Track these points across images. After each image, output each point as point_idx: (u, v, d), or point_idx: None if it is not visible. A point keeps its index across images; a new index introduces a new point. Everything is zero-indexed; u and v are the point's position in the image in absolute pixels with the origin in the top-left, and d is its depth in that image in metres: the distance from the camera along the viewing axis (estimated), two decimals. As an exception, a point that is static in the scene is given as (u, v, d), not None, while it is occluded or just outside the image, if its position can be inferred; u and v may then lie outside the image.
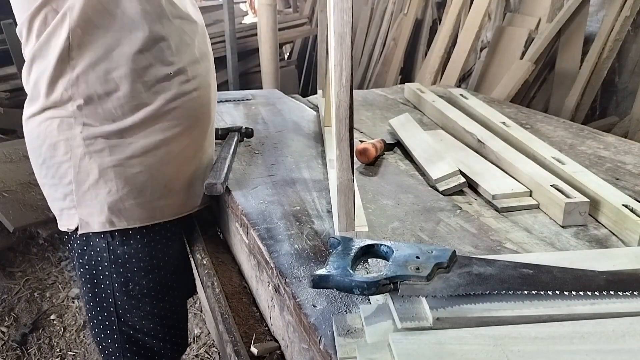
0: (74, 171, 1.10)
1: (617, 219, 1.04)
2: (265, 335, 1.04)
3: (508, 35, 2.98)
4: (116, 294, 1.17)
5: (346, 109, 0.87)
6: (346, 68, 0.84)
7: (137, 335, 1.21)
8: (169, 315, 1.24)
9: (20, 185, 2.58)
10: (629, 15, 2.59)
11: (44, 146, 1.11)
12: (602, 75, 2.71)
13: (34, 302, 2.40)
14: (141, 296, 1.19)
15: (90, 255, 1.16)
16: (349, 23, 0.82)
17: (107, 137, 1.09)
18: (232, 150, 1.40)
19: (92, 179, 1.10)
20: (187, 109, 1.16)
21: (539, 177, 1.17)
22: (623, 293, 0.74)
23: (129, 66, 1.07)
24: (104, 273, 1.16)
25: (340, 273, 0.74)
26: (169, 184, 1.17)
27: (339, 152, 0.89)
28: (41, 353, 2.14)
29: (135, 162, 1.11)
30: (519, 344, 0.65)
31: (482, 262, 0.78)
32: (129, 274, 1.17)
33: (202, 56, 1.19)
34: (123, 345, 1.21)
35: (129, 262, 1.16)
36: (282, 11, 4.93)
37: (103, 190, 1.10)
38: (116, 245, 1.15)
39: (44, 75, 1.07)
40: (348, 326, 0.76)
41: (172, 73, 1.12)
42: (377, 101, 1.97)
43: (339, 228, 0.95)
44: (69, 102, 1.07)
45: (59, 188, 1.13)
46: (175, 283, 1.24)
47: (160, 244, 1.19)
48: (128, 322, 1.20)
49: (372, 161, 1.38)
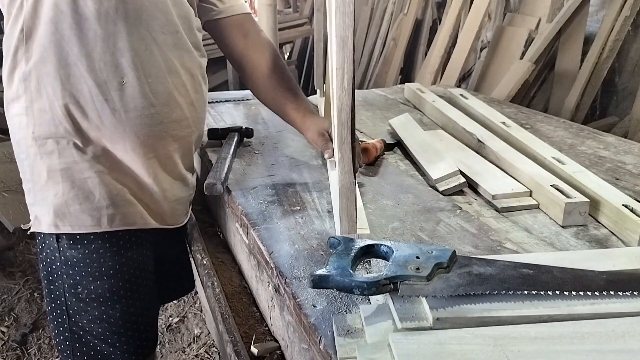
0: (29, 170, 1.10)
1: (617, 219, 1.04)
2: (266, 335, 1.04)
3: (508, 35, 2.97)
4: (66, 294, 1.15)
5: (348, 112, 0.87)
6: (348, 72, 0.84)
7: (87, 337, 1.18)
8: (120, 323, 1.18)
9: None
10: (629, 15, 2.59)
11: (13, 141, 1.12)
12: (602, 75, 2.70)
13: (34, 302, 2.40)
14: (89, 300, 1.15)
15: (45, 253, 1.15)
16: (351, 27, 0.82)
17: (56, 137, 1.06)
18: (232, 150, 1.40)
19: (42, 179, 1.09)
20: (138, 125, 1.08)
21: (539, 177, 1.17)
22: (623, 293, 0.74)
23: (77, 67, 1.03)
24: (56, 272, 1.14)
25: (340, 273, 0.74)
26: (120, 194, 1.11)
27: (340, 155, 0.90)
28: (41, 353, 2.14)
29: (84, 166, 1.08)
30: (519, 344, 0.65)
31: (482, 262, 0.78)
32: (78, 277, 1.13)
33: (168, 71, 1.10)
34: (74, 344, 1.18)
35: (77, 265, 1.13)
36: (282, 11, 4.92)
37: (51, 192, 1.08)
38: (65, 247, 1.12)
39: (5, 68, 1.06)
40: (348, 326, 0.76)
41: (124, 82, 1.05)
42: (377, 101, 1.97)
43: (341, 231, 0.95)
44: (23, 97, 1.05)
45: (25, 184, 1.13)
46: (130, 292, 1.17)
47: (110, 252, 1.13)
48: (78, 323, 1.17)
49: (372, 161, 1.38)
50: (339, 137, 0.89)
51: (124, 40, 1.03)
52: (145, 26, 1.05)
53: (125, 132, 1.07)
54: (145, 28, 1.06)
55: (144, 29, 1.05)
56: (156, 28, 1.07)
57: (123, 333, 1.19)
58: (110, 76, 1.04)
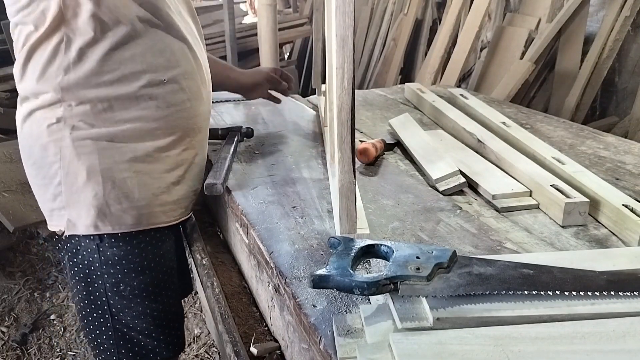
0: (63, 172, 1.09)
1: (617, 219, 1.04)
2: (265, 335, 1.04)
3: (508, 35, 2.98)
4: (108, 293, 1.17)
5: (348, 111, 0.87)
6: (348, 71, 0.85)
7: (131, 333, 1.21)
8: (162, 315, 1.23)
9: (20, 185, 2.58)
10: (629, 15, 2.59)
11: (35, 147, 1.11)
12: (602, 75, 2.71)
13: (34, 302, 2.40)
14: (133, 296, 1.18)
15: (82, 255, 1.16)
16: (351, 26, 0.82)
17: (96, 139, 1.08)
18: (232, 150, 1.40)
19: (80, 181, 1.09)
20: (178, 119, 1.15)
21: (539, 177, 1.17)
22: (623, 293, 0.74)
23: (122, 71, 1.07)
24: (95, 273, 1.16)
25: (341, 273, 0.74)
26: (157, 192, 1.15)
27: (340, 154, 0.90)
28: (41, 353, 2.14)
29: (124, 167, 1.11)
30: (520, 344, 0.65)
31: (482, 262, 0.78)
32: (120, 275, 1.16)
33: (197, 68, 1.19)
34: (117, 342, 1.21)
35: (119, 263, 1.15)
36: (282, 11, 4.92)
37: (90, 193, 1.10)
38: (105, 247, 1.14)
39: (35, 74, 1.07)
40: (348, 326, 0.76)
41: (166, 80, 1.11)
42: (377, 101, 1.97)
43: (341, 230, 0.95)
44: (59, 103, 1.07)
45: (49, 189, 1.12)
46: (167, 283, 1.23)
47: (150, 246, 1.18)
48: (122, 320, 1.20)
49: (372, 161, 1.38)
50: (339, 137, 0.89)
51: (160, 42, 1.10)
52: (176, 28, 1.13)
53: (166, 128, 1.13)
54: (176, 29, 1.13)
55: (175, 30, 1.13)
56: (184, 28, 1.15)
57: (165, 325, 1.25)
58: (152, 76, 1.10)
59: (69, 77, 1.05)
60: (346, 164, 0.90)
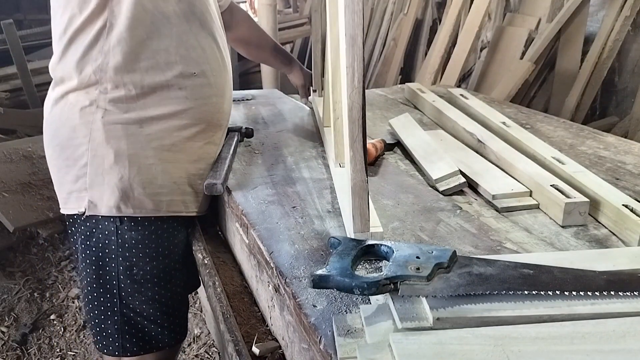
0: (91, 154, 1.14)
1: (617, 219, 1.04)
2: (267, 335, 1.04)
3: (508, 35, 2.98)
4: (120, 277, 1.21)
5: (359, 110, 0.87)
6: (358, 70, 0.85)
7: (137, 318, 1.24)
8: (170, 303, 1.27)
9: (20, 185, 2.58)
10: (629, 15, 2.59)
11: (63, 128, 1.16)
12: (602, 75, 2.71)
13: (34, 302, 2.40)
14: (144, 281, 1.22)
15: (97, 238, 1.19)
16: (360, 25, 0.82)
17: (126, 124, 1.14)
18: (232, 150, 1.40)
19: (107, 163, 1.14)
20: (204, 112, 1.22)
21: (539, 177, 1.18)
22: (623, 293, 0.74)
23: (156, 59, 1.13)
24: (109, 256, 1.20)
25: (341, 273, 0.74)
26: (179, 182, 1.21)
27: (352, 153, 0.89)
28: (41, 353, 2.14)
29: (150, 153, 1.16)
30: (520, 344, 0.65)
31: (482, 262, 0.78)
32: (134, 259, 1.20)
33: (224, 67, 1.26)
34: (122, 327, 1.24)
35: (135, 247, 1.20)
36: (282, 11, 4.92)
37: (115, 176, 1.14)
38: (124, 230, 1.18)
39: (76, 56, 1.13)
40: (348, 326, 0.76)
41: (196, 73, 1.18)
42: (377, 101, 1.98)
43: (354, 230, 0.93)
44: (95, 85, 1.13)
45: (72, 170, 1.17)
46: (178, 272, 1.28)
47: (167, 233, 1.23)
48: (129, 304, 1.23)
49: (372, 161, 1.38)
50: (350, 135, 0.89)
51: (193, 37, 1.17)
52: (208, 26, 1.21)
53: (192, 119, 1.20)
54: (209, 28, 1.21)
55: (207, 29, 1.20)
56: (215, 28, 1.24)
57: (171, 313, 1.29)
58: (184, 68, 1.16)
59: (108, 60, 1.11)
60: (358, 163, 0.90)
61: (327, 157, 1.39)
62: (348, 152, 0.90)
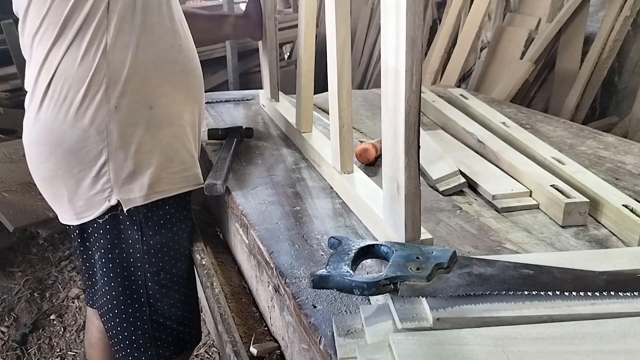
0: (110, 149, 1.10)
1: (617, 219, 1.04)
2: (265, 335, 1.04)
3: (508, 35, 2.97)
4: (148, 283, 1.20)
5: (415, 115, 0.84)
6: (417, 74, 0.81)
7: (167, 322, 1.24)
8: (194, 301, 1.30)
9: (20, 185, 2.57)
10: (629, 15, 2.59)
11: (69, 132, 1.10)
12: (602, 75, 2.70)
13: (34, 302, 2.40)
14: (172, 284, 1.23)
15: (121, 248, 1.18)
16: (421, 27, 0.79)
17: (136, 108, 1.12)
18: (232, 150, 1.40)
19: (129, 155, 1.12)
20: (194, 85, 1.23)
21: (539, 177, 1.17)
22: (623, 293, 0.74)
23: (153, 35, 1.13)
24: (135, 265, 1.19)
25: (340, 273, 0.74)
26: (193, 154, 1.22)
27: (407, 160, 0.86)
28: (41, 353, 2.14)
29: (166, 132, 1.16)
30: (520, 345, 0.65)
31: (482, 263, 0.78)
32: (161, 263, 1.20)
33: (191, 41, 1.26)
34: (154, 334, 1.23)
35: (161, 251, 1.20)
36: (282, 11, 4.92)
37: (141, 164, 1.13)
38: (149, 235, 1.17)
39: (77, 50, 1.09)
40: (348, 326, 0.76)
41: (182, 45, 1.19)
42: (377, 101, 1.97)
43: (406, 237, 0.90)
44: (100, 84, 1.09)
45: (89, 173, 1.11)
46: (194, 270, 1.29)
47: (185, 233, 1.25)
48: (159, 310, 1.23)
49: (372, 161, 1.38)
50: (406, 141, 0.85)
51: (173, 10, 1.17)
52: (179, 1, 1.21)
53: (188, 93, 1.21)
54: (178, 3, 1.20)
55: (178, 3, 1.20)
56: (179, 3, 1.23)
57: (196, 311, 1.31)
58: (173, 41, 1.17)
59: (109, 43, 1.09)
60: (412, 169, 0.86)
61: (313, 163, 1.37)
62: (402, 159, 0.86)
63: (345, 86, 1.13)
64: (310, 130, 1.45)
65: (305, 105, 1.43)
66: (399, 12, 0.79)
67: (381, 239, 0.97)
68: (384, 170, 0.94)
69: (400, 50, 0.81)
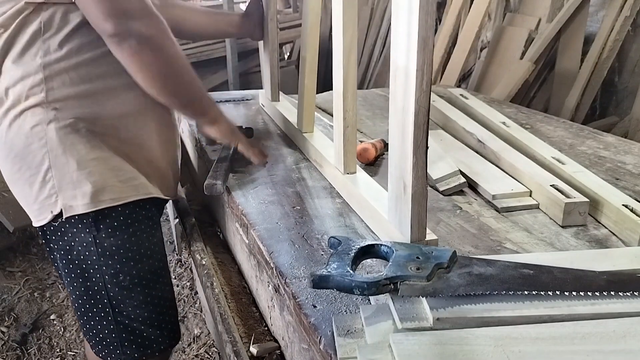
0: (52, 155, 1.09)
1: (617, 219, 1.04)
2: (265, 335, 1.04)
3: (508, 35, 2.97)
4: (107, 285, 1.18)
5: (425, 115, 0.84)
6: (427, 73, 0.81)
7: (134, 324, 1.22)
8: (162, 302, 1.25)
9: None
10: (629, 15, 2.59)
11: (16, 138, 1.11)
12: (602, 75, 2.71)
13: (34, 302, 2.40)
14: (133, 286, 1.19)
15: (77, 251, 1.16)
16: (433, 27, 0.79)
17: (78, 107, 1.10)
18: (232, 150, 1.40)
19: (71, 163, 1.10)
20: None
21: (539, 177, 1.17)
22: (623, 293, 0.74)
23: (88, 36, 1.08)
24: (93, 267, 1.16)
25: (341, 273, 0.74)
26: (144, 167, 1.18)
27: (415, 159, 0.85)
28: (41, 353, 2.14)
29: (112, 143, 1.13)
30: (520, 345, 0.65)
31: (482, 263, 0.78)
32: (118, 265, 1.17)
33: None
34: (120, 334, 1.22)
35: (116, 254, 1.16)
36: (282, 11, 4.92)
37: (83, 172, 1.10)
38: (102, 238, 1.14)
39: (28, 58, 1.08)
40: (348, 326, 0.76)
41: None
42: (377, 101, 1.97)
43: (411, 238, 0.90)
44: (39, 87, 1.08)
45: (37, 178, 1.11)
46: (163, 271, 1.26)
47: (145, 234, 1.20)
48: (122, 311, 1.20)
49: (372, 161, 1.38)
50: (414, 141, 0.85)
51: None
52: None
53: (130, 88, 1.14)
54: None
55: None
56: None
57: (165, 312, 1.26)
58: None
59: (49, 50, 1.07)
60: (420, 170, 0.86)
61: (315, 163, 1.37)
62: (410, 159, 0.85)
63: (350, 87, 1.13)
64: (312, 131, 1.45)
65: (308, 105, 1.43)
66: (412, 12, 0.79)
67: (385, 239, 0.97)
68: (390, 170, 0.93)
69: (412, 50, 0.81)
